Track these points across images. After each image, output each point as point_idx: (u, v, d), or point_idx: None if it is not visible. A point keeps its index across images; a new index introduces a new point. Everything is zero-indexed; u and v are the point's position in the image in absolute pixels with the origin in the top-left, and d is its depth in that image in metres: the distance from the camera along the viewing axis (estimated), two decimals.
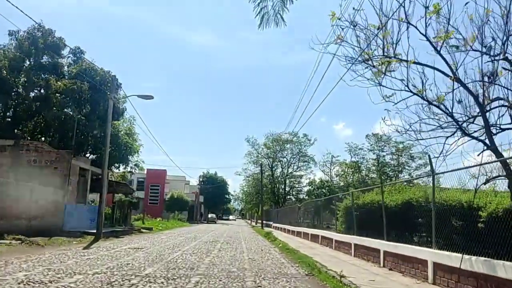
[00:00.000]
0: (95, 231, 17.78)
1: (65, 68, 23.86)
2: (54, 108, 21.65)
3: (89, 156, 24.61)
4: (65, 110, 22.52)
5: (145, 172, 63.62)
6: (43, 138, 23.20)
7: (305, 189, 59.76)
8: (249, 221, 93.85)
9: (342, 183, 63.88)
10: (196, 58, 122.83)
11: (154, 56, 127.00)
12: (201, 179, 68.55)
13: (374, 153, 65.72)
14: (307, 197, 57.69)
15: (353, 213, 14.46)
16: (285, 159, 57.99)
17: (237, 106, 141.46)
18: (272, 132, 55.46)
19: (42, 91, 22.49)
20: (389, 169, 64.29)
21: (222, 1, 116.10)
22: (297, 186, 58.66)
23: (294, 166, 58.47)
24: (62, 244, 14.24)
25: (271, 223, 46.14)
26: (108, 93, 19.62)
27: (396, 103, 6.89)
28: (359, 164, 65.77)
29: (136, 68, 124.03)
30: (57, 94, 21.99)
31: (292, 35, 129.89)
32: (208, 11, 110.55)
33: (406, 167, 62.25)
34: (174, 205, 57.34)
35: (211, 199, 73.73)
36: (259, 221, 71.79)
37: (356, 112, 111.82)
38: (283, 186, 58.38)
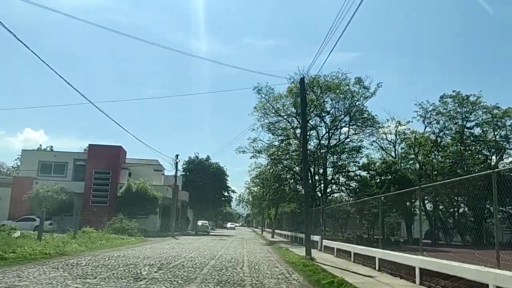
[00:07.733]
0: None
1: None
2: None
3: None
4: None
5: (87, 148, 38.45)
6: None
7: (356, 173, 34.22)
8: (259, 230, 68.29)
9: (412, 166, 39.06)
10: (201, 64, 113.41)
11: (158, 63, 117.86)
12: (181, 164, 41.89)
13: (455, 123, 40.75)
14: (357, 189, 32.26)
15: None
16: (326, 120, 32.31)
17: (239, 108, 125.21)
18: (303, 72, 29.54)
19: None
20: (483, 146, 39.43)
21: (227, 8, 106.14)
22: (349, 168, 32.65)
23: (340, 133, 32.98)
24: None
25: (316, 238, 20.60)
26: None
27: None
28: (439, 138, 40.75)
29: (140, 75, 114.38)
30: None
31: (298, 40, 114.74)
32: (212, 18, 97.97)
33: None
34: (131, 204, 32.10)
35: (202, 198, 47.52)
36: (277, 230, 46.25)
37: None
38: (321, 170, 32.64)
